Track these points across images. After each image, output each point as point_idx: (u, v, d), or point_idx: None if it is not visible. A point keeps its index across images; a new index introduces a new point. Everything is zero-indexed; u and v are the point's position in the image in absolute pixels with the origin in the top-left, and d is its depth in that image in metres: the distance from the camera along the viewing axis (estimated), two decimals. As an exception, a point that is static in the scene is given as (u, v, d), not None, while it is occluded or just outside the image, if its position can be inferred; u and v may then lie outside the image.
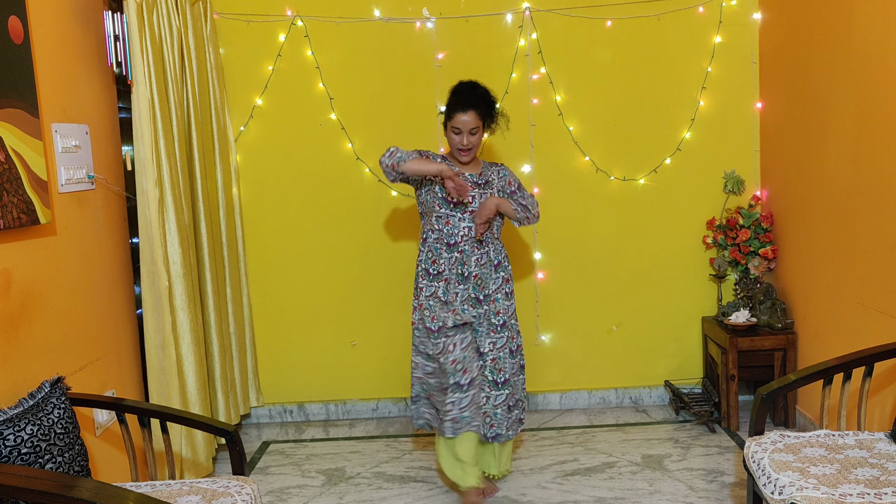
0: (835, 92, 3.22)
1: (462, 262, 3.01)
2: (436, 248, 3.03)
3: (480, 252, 3.03)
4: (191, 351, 3.22)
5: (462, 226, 3.00)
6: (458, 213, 3.00)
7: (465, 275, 3.02)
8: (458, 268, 3.01)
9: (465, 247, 3.01)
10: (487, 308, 3.04)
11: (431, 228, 3.05)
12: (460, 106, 2.95)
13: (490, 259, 3.05)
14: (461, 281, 3.02)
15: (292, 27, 3.97)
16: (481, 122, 2.99)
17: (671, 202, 4.08)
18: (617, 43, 4.00)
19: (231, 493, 2.25)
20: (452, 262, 3.01)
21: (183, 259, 3.19)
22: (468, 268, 3.01)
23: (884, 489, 2.10)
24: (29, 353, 2.48)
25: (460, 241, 3.00)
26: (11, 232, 2.41)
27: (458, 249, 3.01)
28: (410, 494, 3.25)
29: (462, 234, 3.00)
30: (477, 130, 2.98)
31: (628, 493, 3.14)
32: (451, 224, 3.01)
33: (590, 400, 4.23)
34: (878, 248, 2.92)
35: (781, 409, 3.74)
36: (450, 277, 3.01)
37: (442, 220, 3.02)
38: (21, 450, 2.04)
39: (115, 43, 3.00)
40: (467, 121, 2.95)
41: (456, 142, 2.99)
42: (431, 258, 3.04)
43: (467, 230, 3.00)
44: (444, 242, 3.02)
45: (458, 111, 2.95)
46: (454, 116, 2.96)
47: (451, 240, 3.01)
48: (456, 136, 2.98)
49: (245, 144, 4.04)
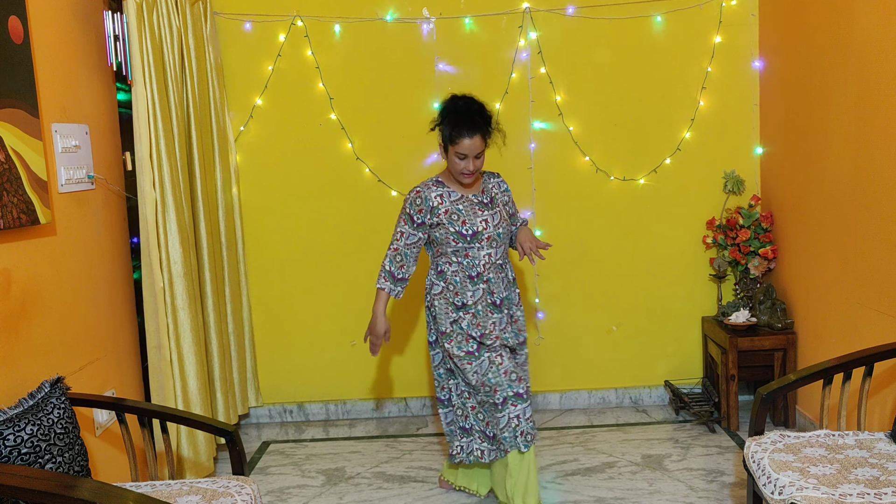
0: (835, 92, 3.22)
1: (490, 290, 2.92)
2: (456, 281, 2.92)
3: (501, 276, 2.96)
4: (192, 351, 3.22)
5: (482, 255, 2.90)
6: (476, 244, 2.89)
7: (497, 303, 2.94)
8: (489, 297, 2.92)
9: (490, 275, 2.92)
10: (514, 327, 3.01)
11: (448, 262, 2.94)
12: (466, 131, 2.79)
13: (510, 280, 3.01)
14: (494, 311, 2.93)
15: (292, 27, 3.97)
16: (485, 144, 2.86)
17: (671, 202, 4.08)
18: (617, 43, 4.00)
19: (231, 493, 2.25)
20: (480, 294, 2.91)
21: (183, 259, 3.19)
22: (497, 296, 2.93)
23: (884, 489, 2.10)
24: (29, 353, 2.48)
25: (483, 271, 2.91)
26: (11, 232, 2.41)
27: (482, 280, 2.91)
28: (410, 494, 3.25)
29: (484, 263, 2.90)
30: (481, 154, 2.86)
31: (628, 493, 3.14)
32: (470, 256, 2.90)
33: (590, 400, 4.23)
34: (878, 248, 2.92)
35: (781, 409, 3.74)
36: (478, 310, 2.91)
37: (460, 253, 2.91)
38: (21, 450, 2.04)
39: (115, 43, 3.00)
40: (473, 146, 2.81)
41: (461, 167, 2.84)
42: (454, 290, 2.92)
43: (488, 258, 2.91)
44: (467, 275, 2.91)
45: (463, 136, 2.79)
46: (459, 142, 2.80)
47: (474, 271, 2.91)
48: (461, 161, 2.83)
49: (245, 144, 4.04)
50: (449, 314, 2.93)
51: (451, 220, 2.89)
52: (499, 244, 2.93)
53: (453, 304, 2.93)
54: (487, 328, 2.91)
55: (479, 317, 2.91)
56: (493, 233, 2.90)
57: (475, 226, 2.89)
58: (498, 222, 2.93)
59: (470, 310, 2.91)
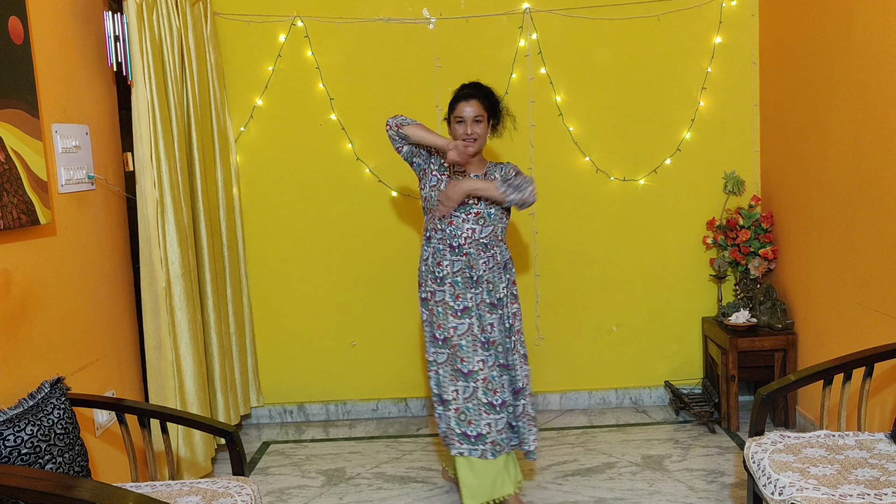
0: (835, 92, 3.22)
1: (469, 265, 2.91)
2: (439, 248, 2.94)
3: (487, 255, 2.93)
4: (189, 351, 3.22)
5: (466, 227, 2.89)
6: (462, 213, 2.89)
7: (475, 278, 2.91)
8: (467, 270, 2.91)
9: (471, 249, 2.91)
10: (502, 312, 2.93)
11: (435, 228, 2.95)
12: (463, 97, 2.92)
13: (497, 261, 2.96)
14: (472, 285, 2.91)
15: (292, 27, 3.97)
16: (486, 113, 2.92)
17: (671, 203, 4.08)
18: (617, 43, 4.00)
19: (231, 494, 2.25)
20: (458, 267, 2.91)
21: (182, 259, 3.19)
22: (476, 271, 2.91)
23: (884, 490, 2.10)
24: (29, 354, 2.48)
25: (464, 244, 2.91)
26: (11, 232, 2.41)
27: (462, 252, 2.91)
28: (410, 495, 3.25)
29: (466, 237, 2.90)
30: (481, 119, 2.90)
31: (628, 494, 3.14)
32: (454, 225, 2.90)
33: (590, 400, 4.23)
34: (878, 249, 2.92)
35: (781, 410, 3.74)
36: (455, 282, 2.91)
37: (445, 219, 2.92)
38: (21, 450, 2.04)
39: (115, 43, 3.00)
40: (470, 110, 2.89)
41: (460, 132, 2.89)
42: (437, 260, 2.94)
43: (471, 232, 2.90)
44: (448, 244, 2.92)
45: (460, 101, 2.91)
46: (457, 107, 2.92)
47: (455, 242, 2.91)
48: (459, 126, 2.90)
49: (245, 145, 4.04)
50: (429, 284, 2.96)
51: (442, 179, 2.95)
52: (486, 223, 2.91)
53: (433, 274, 2.95)
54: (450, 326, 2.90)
55: (458, 288, 2.91)
56: (482, 210, 2.89)
57: None
58: (490, 202, 2.90)
59: (447, 280, 2.92)
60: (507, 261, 3.00)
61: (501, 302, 2.93)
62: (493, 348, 2.92)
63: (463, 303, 2.91)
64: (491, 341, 2.92)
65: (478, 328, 2.91)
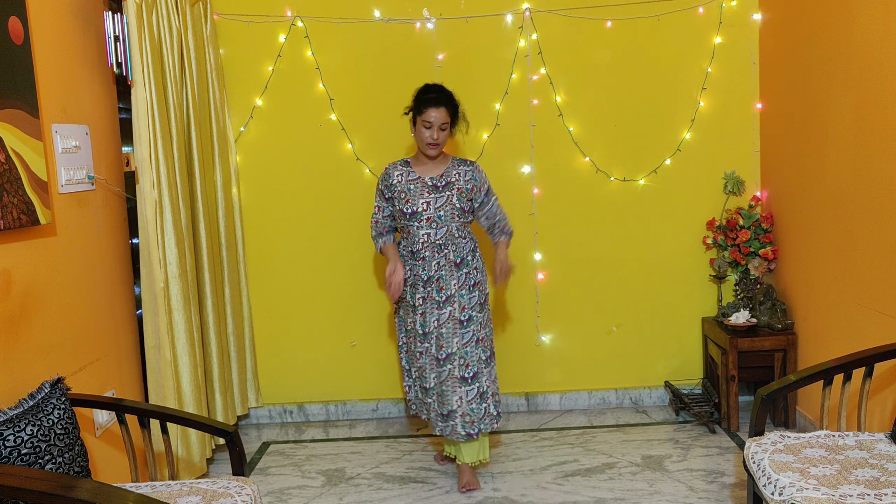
0: (835, 92, 3.22)
1: (423, 267, 3.17)
2: (404, 255, 3.25)
3: (439, 255, 3.16)
4: (185, 352, 3.22)
5: (421, 234, 3.16)
6: (415, 223, 3.16)
7: (426, 279, 3.17)
8: (421, 272, 3.17)
9: (426, 254, 3.17)
10: (451, 309, 3.15)
11: (404, 236, 3.27)
12: (433, 103, 3.13)
13: (450, 260, 3.16)
14: (423, 285, 3.17)
15: (292, 28, 3.97)
16: (450, 120, 3.16)
17: (671, 203, 4.08)
18: (617, 43, 4.00)
19: (231, 494, 2.25)
20: (418, 270, 3.18)
21: (179, 260, 3.19)
22: (426, 273, 3.16)
23: (884, 490, 2.10)
24: (29, 354, 2.48)
25: (421, 249, 3.17)
26: (11, 232, 2.41)
27: (419, 257, 3.18)
28: (410, 495, 3.24)
29: (423, 242, 3.16)
30: (446, 126, 3.15)
31: (628, 494, 3.14)
32: (411, 234, 3.19)
33: (590, 400, 4.22)
34: (878, 249, 2.92)
35: (781, 410, 3.74)
36: (416, 283, 3.18)
37: (405, 230, 3.23)
38: (21, 450, 2.04)
39: (115, 43, 3.00)
40: (438, 116, 3.12)
41: (426, 136, 3.13)
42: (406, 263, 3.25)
43: (426, 237, 3.15)
44: (409, 250, 3.22)
45: (430, 107, 3.12)
46: (426, 111, 3.12)
47: (414, 247, 3.19)
48: (427, 130, 3.13)
49: (245, 145, 4.04)
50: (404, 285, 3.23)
51: (399, 197, 3.20)
52: (440, 225, 3.16)
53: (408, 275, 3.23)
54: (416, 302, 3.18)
55: (416, 288, 3.19)
56: (432, 214, 3.15)
57: (416, 206, 3.15)
58: (441, 205, 3.15)
59: (409, 282, 3.21)
60: (464, 256, 3.20)
61: (452, 299, 3.16)
62: (430, 339, 3.18)
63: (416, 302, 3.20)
64: (427, 332, 3.18)
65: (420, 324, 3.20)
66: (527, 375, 4.19)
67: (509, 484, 3.29)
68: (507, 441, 3.79)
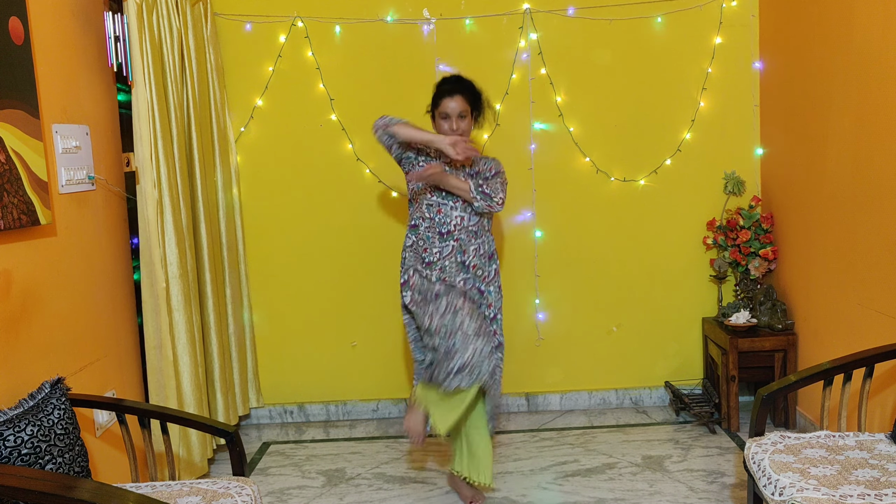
0: (835, 92, 3.22)
1: (461, 250, 2.99)
2: (427, 236, 3.01)
3: (478, 242, 3.03)
4: (186, 352, 3.22)
5: (455, 214, 2.99)
6: (451, 201, 2.99)
7: (466, 264, 3.00)
8: (458, 255, 2.99)
9: (462, 235, 2.99)
10: (483, 301, 3.04)
11: (422, 217, 3.03)
12: (446, 93, 2.97)
13: (486, 250, 3.05)
14: (462, 270, 3.00)
15: (293, 28, 3.97)
16: (469, 108, 3.00)
17: (671, 203, 4.08)
18: (617, 43, 4.00)
19: (231, 494, 2.25)
20: (449, 251, 2.99)
21: (179, 260, 3.19)
22: (467, 257, 3.00)
23: (884, 490, 2.10)
24: (29, 354, 2.48)
25: (454, 230, 2.99)
26: (12, 233, 2.41)
27: (453, 238, 2.99)
28: (411, 495, 3.24)
29: (455, 223, 2.99)
30: (466, 114, 2.98)
31: (628, 494, 3.14)
32: (443, 213, 2.99)
33: (590, 401, 4.22)
34: (879, 249, 2.92)
35: (782, 410, 3.74)
36: (445, 266, 2.98)
37: (433, 208, 3.01)
38: (21, 450, 2.04)
39: (115, 44, 3.00)
40: (455, 106, 2.95)
41: (445, 129, 2.97)
42: (423, 246, 3.02)
43: (460, 219, 2.99)
44: (437, 231, 3.00)
45: (444, 97, 2.97)
46: (441, 103, 2.97)
47: (444, 229, 2.99)
48: (445, 122, 2.97)
49: (245, 145, 4.04)
50: (416, 266, 3.02)
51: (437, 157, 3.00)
52: (473, 211, 3.00)
53: (421, 259, 3.02)
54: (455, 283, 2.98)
55: (447, 272, 2.98)
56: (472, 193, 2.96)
57: None
58: None
59: (437, 266, 2.98)
60: (493, 251, 3.09)
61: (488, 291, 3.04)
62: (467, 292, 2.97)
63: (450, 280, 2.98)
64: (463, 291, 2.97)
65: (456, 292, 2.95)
66: (527, 375, 4.19)
67: (509, 484, 3.29)
68: (507, 441, 3.79)
